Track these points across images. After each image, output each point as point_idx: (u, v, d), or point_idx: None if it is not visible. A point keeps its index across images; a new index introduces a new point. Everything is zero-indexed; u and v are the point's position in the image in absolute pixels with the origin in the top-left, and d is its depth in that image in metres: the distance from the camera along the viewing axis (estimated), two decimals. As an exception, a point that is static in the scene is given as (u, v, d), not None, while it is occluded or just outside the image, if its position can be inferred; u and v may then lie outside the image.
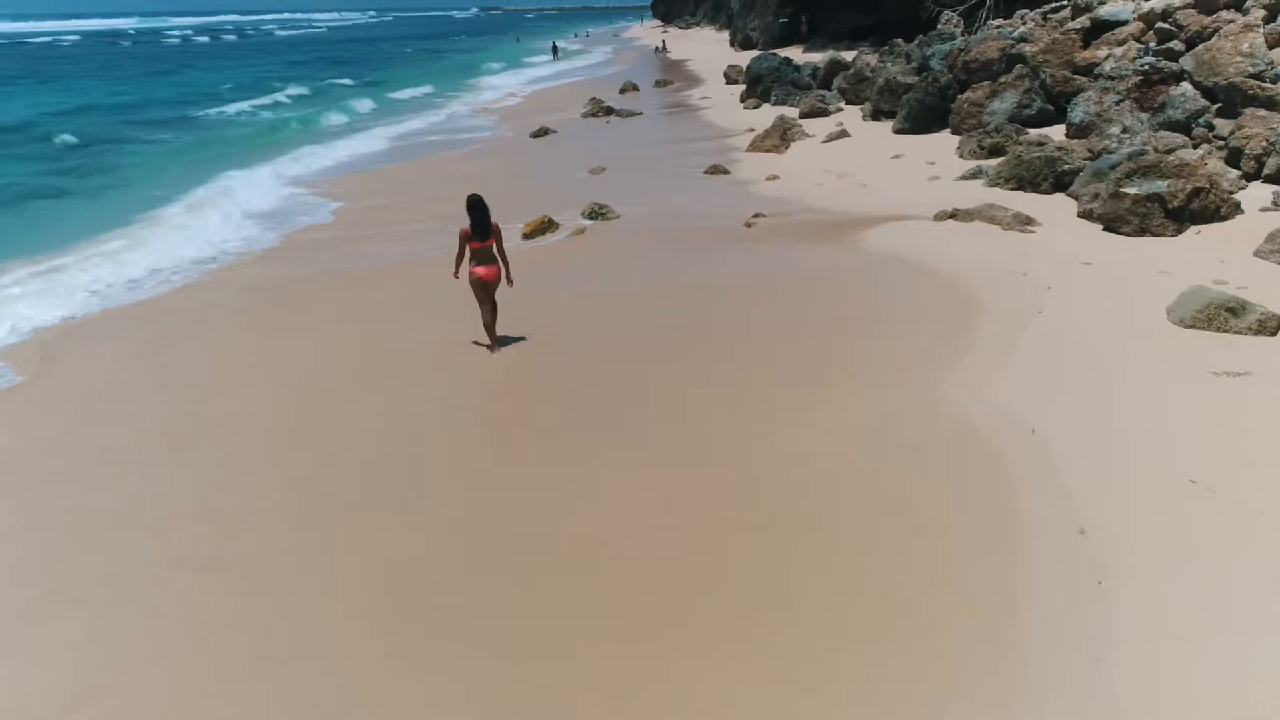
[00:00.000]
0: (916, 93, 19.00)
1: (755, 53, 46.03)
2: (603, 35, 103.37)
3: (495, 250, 8.96)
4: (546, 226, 14.32)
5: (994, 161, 14.89)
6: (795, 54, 36.60)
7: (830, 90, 24.88)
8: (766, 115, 23.99)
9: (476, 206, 8.82)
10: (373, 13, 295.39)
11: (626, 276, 11.62)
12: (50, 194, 19.57)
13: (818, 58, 32.26)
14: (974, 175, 14.50)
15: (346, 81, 44.23)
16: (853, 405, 7.37)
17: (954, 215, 12.23)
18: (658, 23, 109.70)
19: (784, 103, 25.41)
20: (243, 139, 26.08)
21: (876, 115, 21.05)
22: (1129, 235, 10.76)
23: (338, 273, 12.73)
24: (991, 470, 6.27)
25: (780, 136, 19.33)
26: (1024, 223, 11.53)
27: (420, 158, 23.10)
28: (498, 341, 9.14)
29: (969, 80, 18.66)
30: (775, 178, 16.49)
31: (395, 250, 13.80)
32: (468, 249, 8.91)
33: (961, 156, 16.04)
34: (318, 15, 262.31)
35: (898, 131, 19.35)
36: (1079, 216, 11.72)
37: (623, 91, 35.38)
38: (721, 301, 10.28)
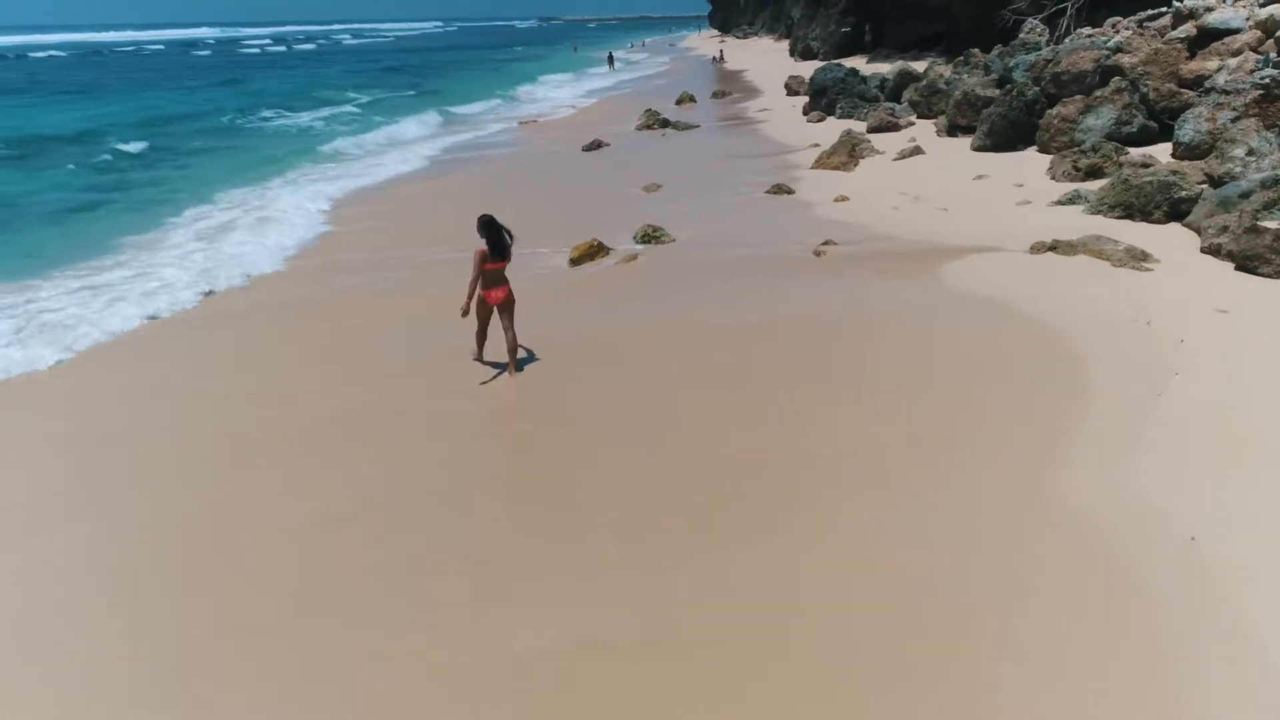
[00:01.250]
0: (999, 107, 17.50)
1: (816, 63, 44.63)
2: (659, 45, 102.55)
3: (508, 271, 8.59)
4: (596, 251, 13.19)
5: (1094, 184, 13.39)
6: (859, 64, 35.09)
7: (900, 103, 23.43)
8: (832, 129, 22.63)
9: (490, 226, 8.49)
10: (439, 23, 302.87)
11: (681, 312, 10.41)
12: (80, 207, 18.99)
13: (885, 68, 30.81)
14: (1071, 200, 13.00)
15: (408, 93, 43.72)
16: (945, 497, 6.04)
17: (1054, 248, 10.80)
18: (715, 32, 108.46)
19: (850, 116, 24.02)
20: (288, 152, 25.34)
21: (953, 130, 19.57)
22: (1268, 276, 9.25)
23: (339, 298, 11.77)
24: (1131, 592, 4.93)
25: (848, 153, 17.98)
26: (1138, 258, 10.06)
27: (467, 171, 22.19)
28: (516, 362, 8.65)
29: (1058, 94, 17.11)
30: (844, 199, 15.16)
31: (421, 275, 12.79)
32: (484, 271, 8.49)
33: (1054, 178, 14.53)
34: (386, 25, 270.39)
35: (977, 149, 17.86)
36: (1204, 252, 10.21)
37: (679, 103, 34.26)
38: (786, 346, 9.02)
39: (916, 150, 18.07)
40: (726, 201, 16.25)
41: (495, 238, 8.42)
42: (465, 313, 8.45)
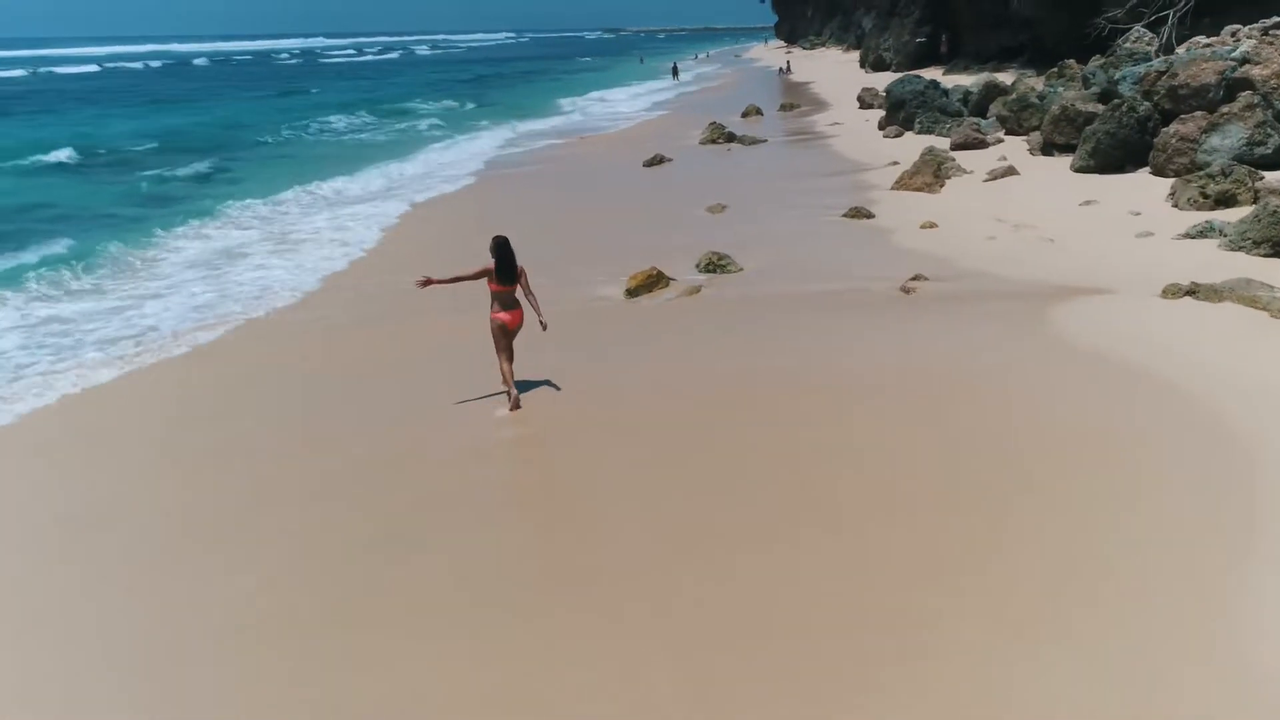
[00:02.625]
0: (1105, 123, 15.77)
1: (889, 75, 42.83)
2: (724, 56, 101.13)
3: (519, 294, 8.30)
4: (655, 281, 11.90)
5: (1228, 214, 11.67)
6: (934, 76, 33.28)
7: (986, 118, 21.72)
8: (910, 146, 21.02)
9: (501, 249, 8.16)
10: (512, 34, 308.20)
11: (748, 359, 9.04)
12: (112, 221, 18.33)
13: (964, 80, 29.05)
14: (1203, 233, 11.30)
15: (469, 106, 42.95)
16: (1097, 654, 4.56)
17: (1192, 292, 9.18)
18: (781, 43, 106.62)
19: (930, 131, 22.38)
20: (330, 167, 24.14)
21: (1048, 149, 17.86)
22: None
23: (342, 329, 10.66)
24: None
25: (933, 173, 16.42)
26: (1303, 309, 8.41)
27: (519, 188, 21.13)
28: (516, 396, 8.18)
29: (1175, 110, 15.33)
30: (932, 226, 13.62)
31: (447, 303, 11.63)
32: (490, 291, 8.21)
33: (1177, 206, 12.80)
34: (461, 36, 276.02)
35: (1079, 170, 16.14)
36: (1384, 302, 8.51)
37: (744, 116, 32.87)
38: (876, 411, 7.60)
39: (1010, 171, 16.43)
40: (798, 225, 14.83)
41: (502, 260, 8.11)
42: (421, 284, 8.19)
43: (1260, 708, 4.14)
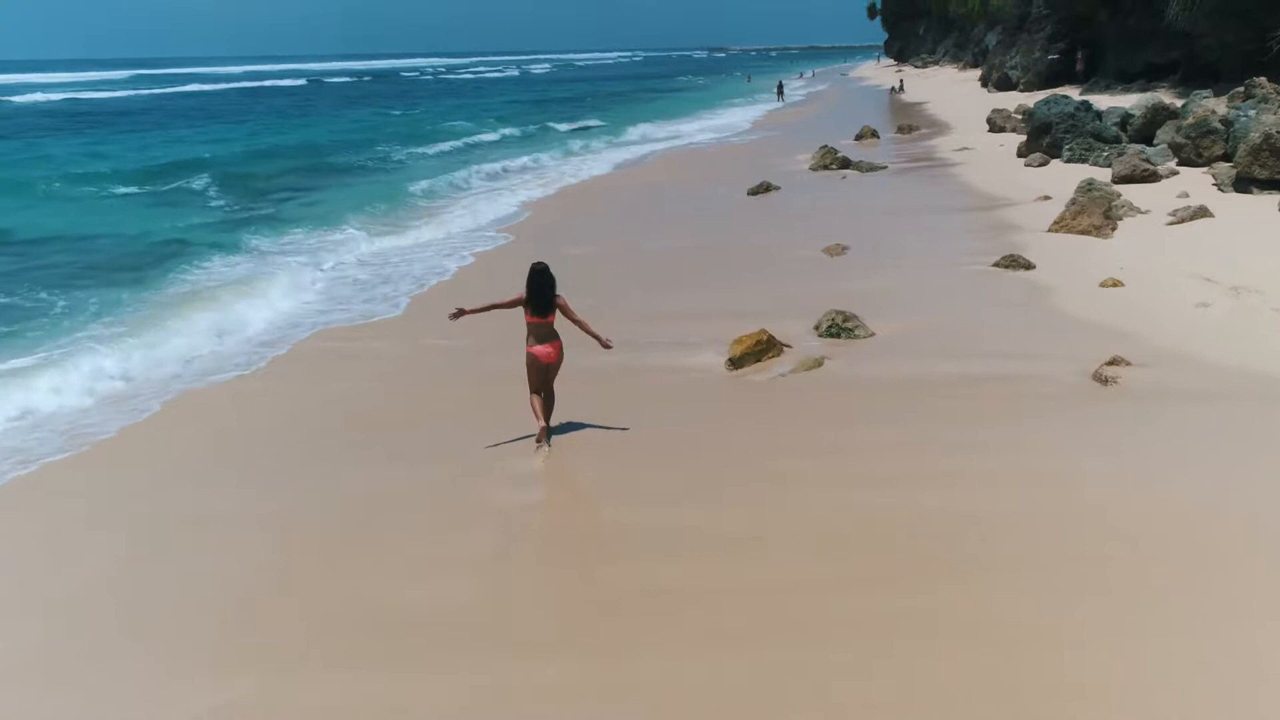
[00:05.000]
0: (1331, 156, 12.68)
1: (1015, 95, 39.46)
2: (830, 74, 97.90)
3: (556, 326, 7.59)
4: (765, 348, 9.55)
5: None
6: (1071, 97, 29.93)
7: (1151, 145, 18.62)
8: (1060, 177, 18.10)
9: (536, 277, 7.43)
10: (628, 53, 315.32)
11: (895, 485, 6.60)
12: (163, 243, 16.93)
13: (1110, 102, 25.79)
14: None
15: (561, 127, 41.13)
16: None
17: None
18: (890, 62, 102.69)
19: (1082, 160, 19.37)
20: (368, 197, 21.66)
21: (1243, 185, 14.77)
22: None
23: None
24: None
25: (1102, 213, 13.58)
26: None
27: (603, 219, 19.07)
28: (548, 436, 7.56)
29: None
30: (1115, 284, 10.85)
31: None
32: (526, 323, 7.56)
33: None
34: (579, 55, 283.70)
35: (1293, 212, 13.08)
36: None
37: (859, 138, 30.17)
38: (1121, 602, 5.09)
39: (1200, 212, 13.45)
40: (938, 276, 12.26)
41: (536, 289, 7.39)
42: (454, 315, 7.53)
43: None
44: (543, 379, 7.60)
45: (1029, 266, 12.02)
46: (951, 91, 49.11)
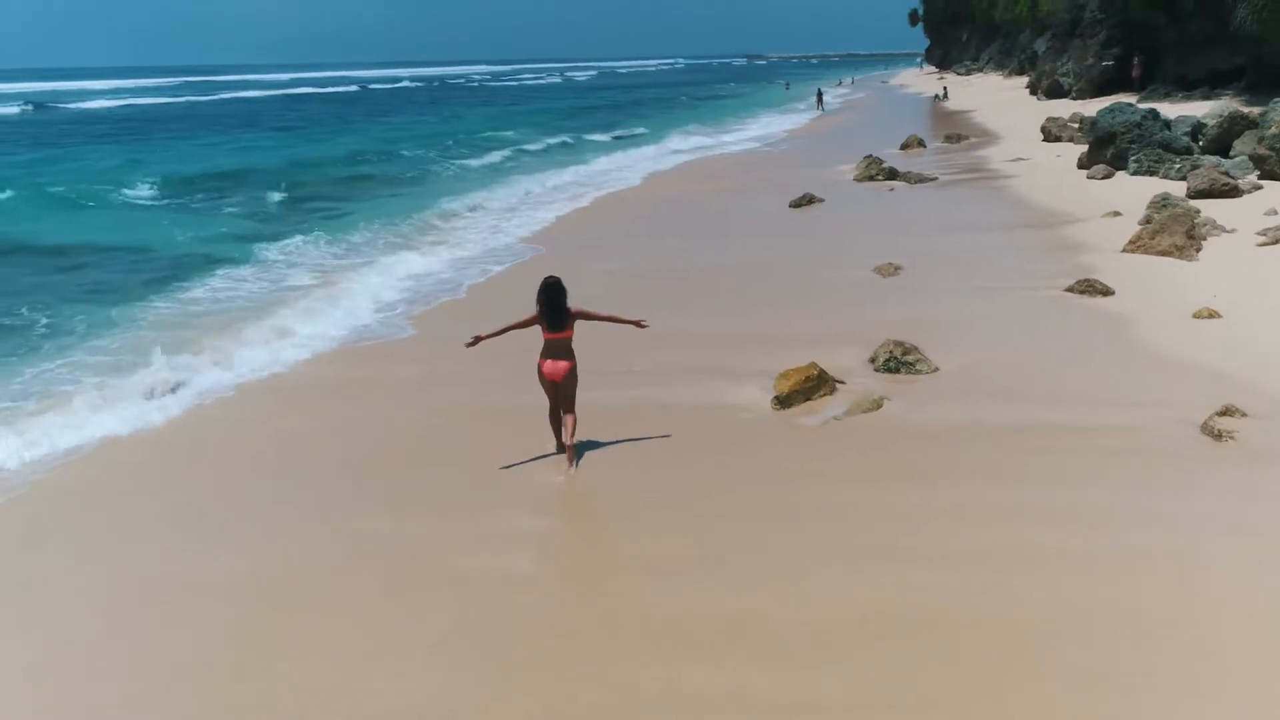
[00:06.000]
0: None
1: (1067, 103, 37.92)
2: (869, 82, 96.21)
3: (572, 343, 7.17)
4: (815, 385, 8.51)
5: None
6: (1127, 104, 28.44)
7: (1229, 156, 17.28)
8: (1127, 190, 16.86)
9: (545, 291, 7.09)
10: (668, 61, 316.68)
11: (966, 551, 5.54)
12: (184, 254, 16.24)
13: (1193, 109, 24.36)
14: None
15: (598, 136, 40.00)
16: None
17: None
18: (932, 69, 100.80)
19: (1152, 173, 18.06)
20: (392, 212, 20.50)
21: (1340, 202, 13.45)
22: None
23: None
24: None
25: (1185, 232, 12.35)
26: None
27: (635, 232, 18.12)
28: (575, 456, 7.17)
29: None
30: (1211, 315, 9.64)
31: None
32: (542, 339, 7.17)
33: None
34: (622, 62, 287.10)
35: (1404, 234, 11.76)
36: None
37: (904, 148, 28.95)
38: (1196, 690, 4.00)
39: (1297, 232, 12.19)
40: (1004, 303, 11.12)
41: (549, 304, 7.07)
42: (470, 344, 7.19)
43: None
44: (554, 396, 7.22)
45: (1107, 292, 10.84)
46: (998, 99, 47.56)
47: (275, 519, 6.72)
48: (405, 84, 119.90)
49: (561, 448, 7.28)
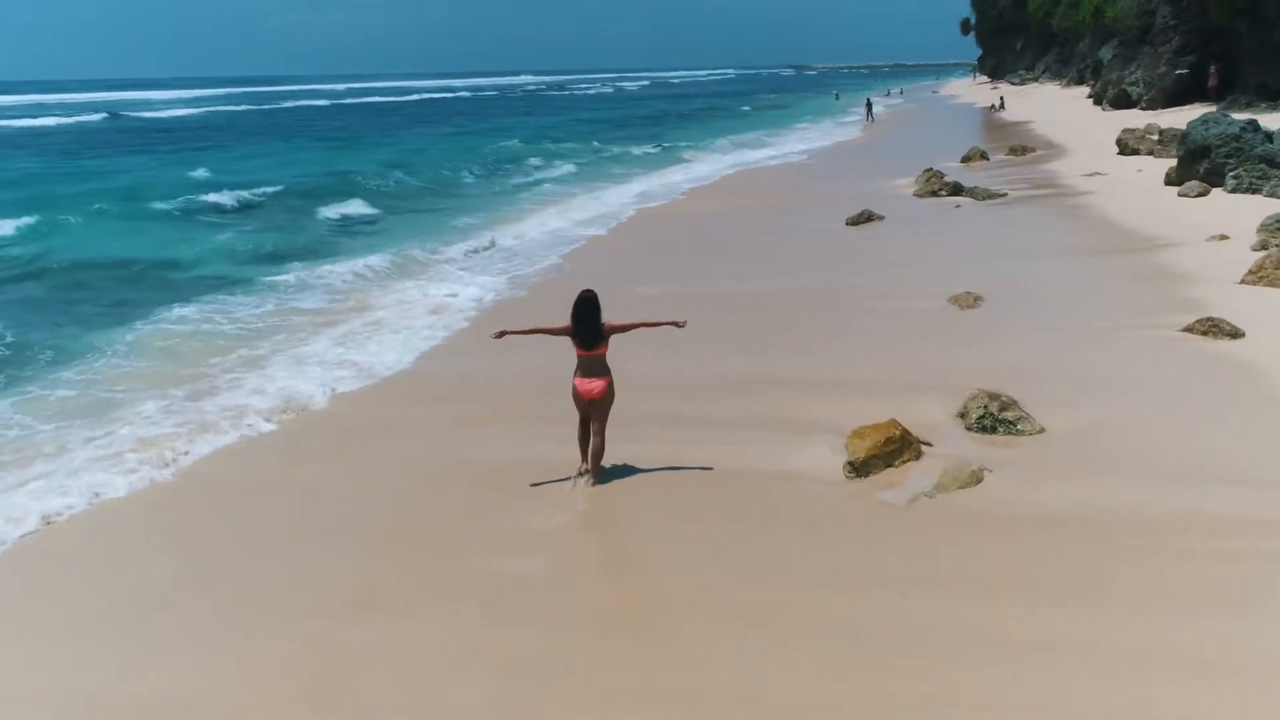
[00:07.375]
0: None
1: (1135, 113, 35.83)
2: (918, 92, 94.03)
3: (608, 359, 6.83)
4: (897, 448, 7.08)
5: None
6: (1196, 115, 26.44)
7: (1344, 174, 15.48)
8: (1229, 210, 15.15)
9: (579, 306, 6.73)
10: (719, 71, 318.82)
11: (1117, 708, 4.08)
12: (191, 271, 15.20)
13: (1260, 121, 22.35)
14: None
15: (643, 149, 38.14)
16: None
17: None
18: (984, 79, 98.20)
19: (1254, 190, 16.29)
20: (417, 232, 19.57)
21: None
22: None
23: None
24: None
25: (1317, 262, 10.67)
26: None
27: (679, 251, 16.76)
28: (597, 473, 6.80)
29: None
30: (1374, 366, 8.03)
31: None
32: (575, 354, 6.82)
33: None
34: (674, 73, 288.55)
35: None
36: None
37: (965, 160, 27.27)
38: None
39: None
40: (1110, 344, 9.55)
41: (582, 321, 6.69)
42: (497, 335, 7.09)
43: None
44: (587, 413, 6.91)
45: (1236, 334, 9.22)
46: (1058, 110, 45.47)
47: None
48: (462, 94, 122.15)
49: (584, 472, 6.96)
